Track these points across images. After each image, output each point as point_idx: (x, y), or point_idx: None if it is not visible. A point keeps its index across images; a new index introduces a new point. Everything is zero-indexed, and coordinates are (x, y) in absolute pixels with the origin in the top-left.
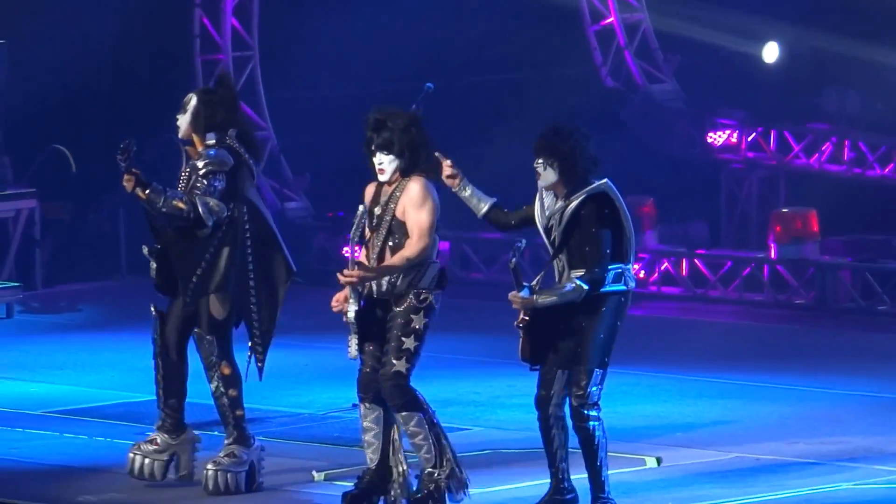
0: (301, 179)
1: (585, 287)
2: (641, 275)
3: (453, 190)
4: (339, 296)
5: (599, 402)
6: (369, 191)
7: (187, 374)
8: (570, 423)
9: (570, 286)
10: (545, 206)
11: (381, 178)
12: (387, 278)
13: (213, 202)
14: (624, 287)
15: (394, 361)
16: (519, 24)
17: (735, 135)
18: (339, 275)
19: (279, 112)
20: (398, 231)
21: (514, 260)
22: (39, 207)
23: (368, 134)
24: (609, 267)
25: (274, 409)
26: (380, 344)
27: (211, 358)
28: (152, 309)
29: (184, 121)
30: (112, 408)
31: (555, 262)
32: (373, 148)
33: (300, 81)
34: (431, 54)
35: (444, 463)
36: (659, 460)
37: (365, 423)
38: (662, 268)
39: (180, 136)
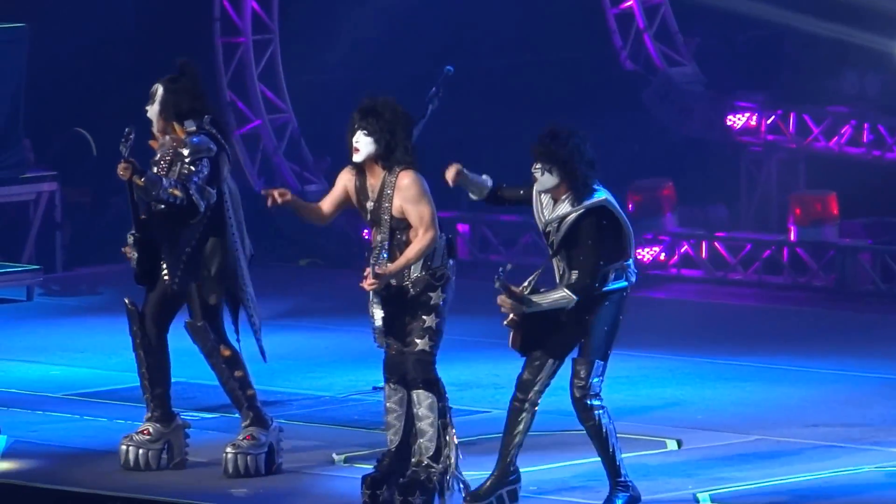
0: (321, 162)
1: (575, 297)
2: (662, 257)
3: (453, 184)
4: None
5: (601, 393)
6: (347, 177)
7: (170, 363)
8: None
9: (560, 295)
10: (542, 206)
11: (355, 157)
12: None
13: (205, 187)
14: (626, 283)
15: (417, 341)
16: (539, 7)
17: (755, 117)
18: (362, 285)
19: (299, 95)
20: (400, 227)
21: (500, 279)
22: (60, 190)
23: (354, 115)
24: (610, 267)
25: (294, 391)
26: (404, 327)
27: (208, 344)
28: (127, 303)
29: (153, 111)
30: (132, 390)
31: (555, 262)
32: (354, 126)
33: (320, 64)
34: (451, 37)
35: (442, 459)
36: (679, 443)
37: (388, 404)
38: (682, 250)
39: (154, 127)
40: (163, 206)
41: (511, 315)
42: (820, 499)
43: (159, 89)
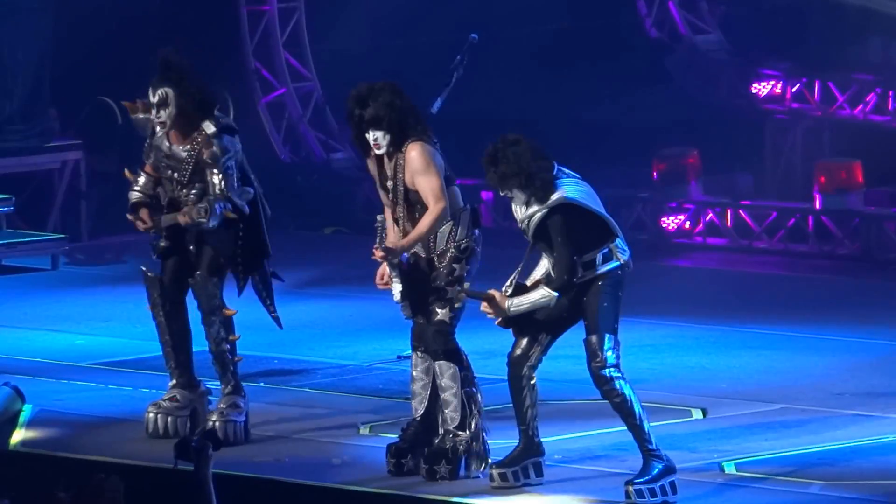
0: (346, 130)
1: (555, 295)
2: (686, 226)
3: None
4: (383, 272)
5: (619, 365)
6: (372, 166)
7: (191, 330)
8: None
9: (540, 294)
10: (519, 210)
11: (378, 151)
12: (424, 242)
13: (244, 189)
14: (617, 262)
15: (437, 311)
16: None
17: (779, 85)
18: (374, 250)
19: (324, 63)
20: (417, 200)
21: (465, 286)
22: (85, 159)
23: (356, 112)
24: (595, 252)
25: (319, 360)
26: (427, 298)
27: (214, 301)
28: (144, 270)
29: (168, 115)
30: (157, 359)
31: (543, 254)
32: (363, 126)
33: (345, 32)
34: (476, 4)
35: (468, 428)
36: (705, 412)
37: (414, 373)
38: (707, 219)
39: (166, 129)
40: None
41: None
42: (846, 467)
43: (169, 94)
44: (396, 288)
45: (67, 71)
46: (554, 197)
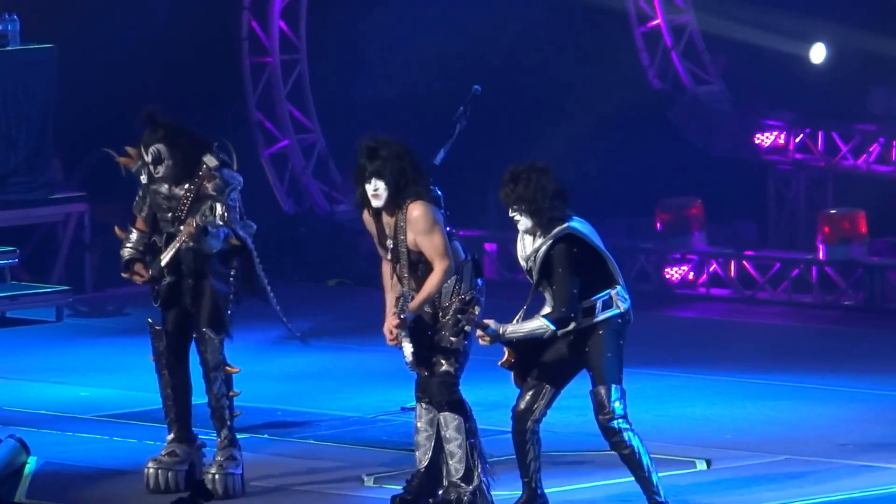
0: (350, 182)
1: (552, 326)
2: (690, 276)
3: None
4: (390, 327)
5: (627, 415)
6: (368, 220)
7: (191, 382)
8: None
9: (536, 324)
10: (525, 246)
11: (375, 202)
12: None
13: (247, 222)
14: (617, 310)
15: (442, 361)
16: (566, 25)
17: (783, 136)
18: (386, 330)
19: (326, 114)
20: (417, 260)
21: (471, 318)
22: (89, 211)
23: (361, 162)
24: (595, 298)
25: (323, 412)
26: (431, 350)
27: (218, 357)
28: (151, 322)
29: (165, 168)
30: (161, 412)
31: (545, 295)
32: (366, 175)
33: (347, 83)
34: (477, 54)
35: (472, 480)
36: (709, 462)
37: (419, 424)
38: (711, 269)
39: (167, 182)
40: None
41: (506, 356)
42: None
43: (161, 149)
44: (408, 349)
45: (71, 122)
46: (559, 228)
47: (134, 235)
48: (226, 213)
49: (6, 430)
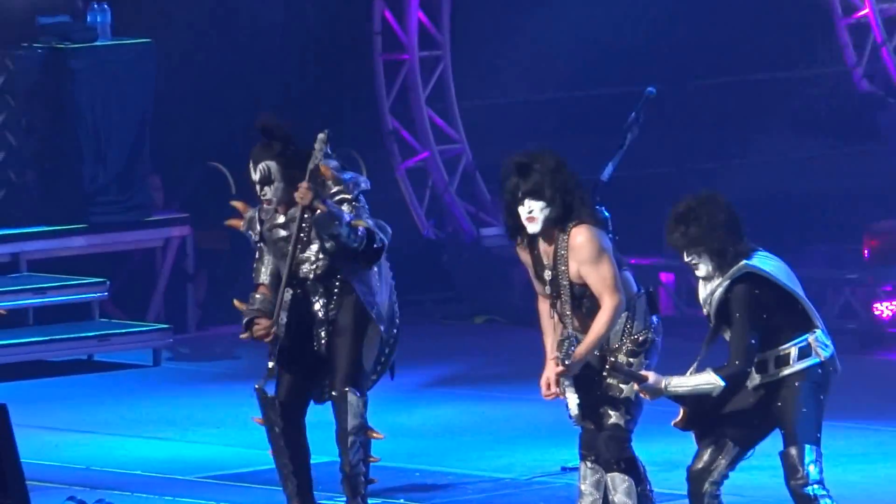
0: (500, 202)
1: (722, 382)
2: None
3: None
4: (549, 379)
5: (823, 481)
6: (523, 253)
7: (309, 448)
8: None
9: (704, 378)
10: (706, 288)
11: (531, 227)
12: None
13: (383, 225)
14: (817, 359)
15: (611, 413)
16: (757, 20)
17: None
18: (543, 382)
19: (473, 121)
20: (582, 294)
21: (614, 365)
22: (193, 236)
23: (513, 181)
24: (789, 344)
25: (469, 472)
26: (598, 400)
27: (359, 420)
28: (257, 389)
29: (273, 191)
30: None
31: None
32: (520, 195)
33: (497, 84)
34: (654, 54)
35: None
36: None
37: (583, 487)
38: None
39: (274, 205)
40: (332, 248)
41: (680, 415)
42: None
43: (272, 167)
44: (573, 400)
45: (171, 132)
46: (737, 266)
47: (258, 296)
48: (355, 213)
49: (94, 494)
